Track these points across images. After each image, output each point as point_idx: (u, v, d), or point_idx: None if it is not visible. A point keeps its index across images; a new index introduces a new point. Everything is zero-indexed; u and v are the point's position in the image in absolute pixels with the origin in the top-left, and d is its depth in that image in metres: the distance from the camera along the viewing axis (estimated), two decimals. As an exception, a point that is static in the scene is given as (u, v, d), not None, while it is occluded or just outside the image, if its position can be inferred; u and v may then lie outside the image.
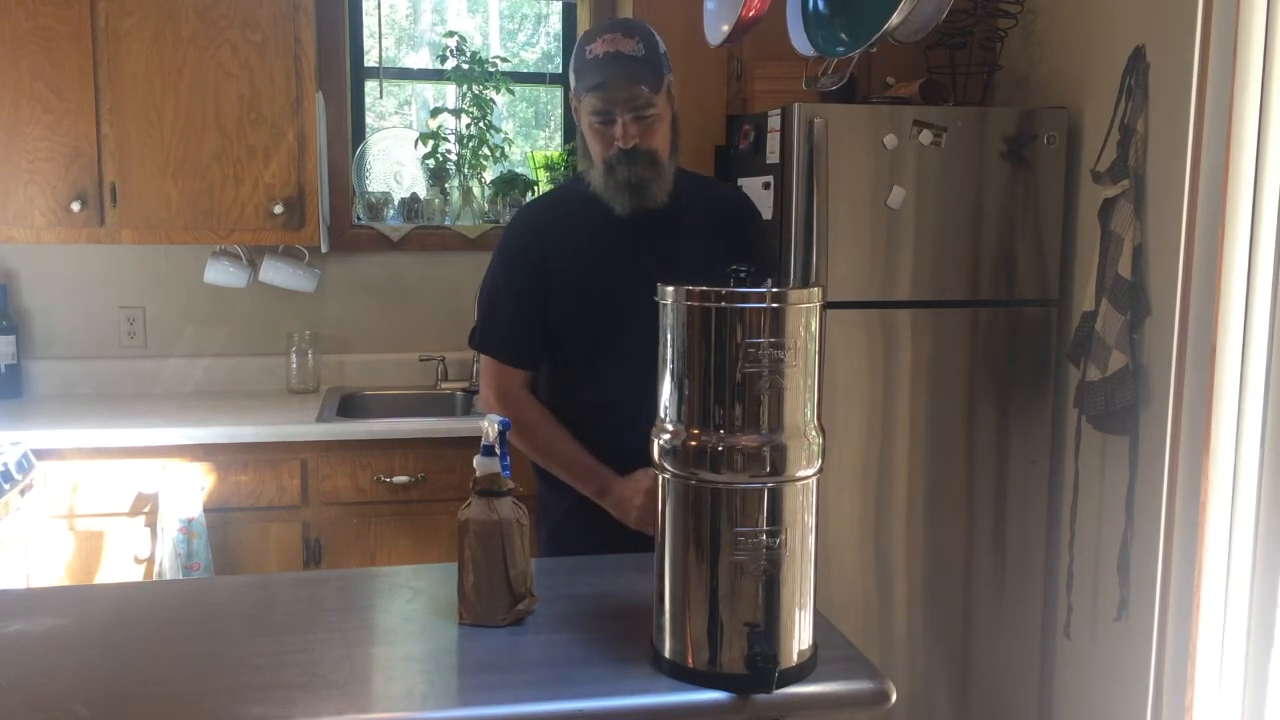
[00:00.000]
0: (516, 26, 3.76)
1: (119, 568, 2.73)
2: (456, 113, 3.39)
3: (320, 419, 2.87)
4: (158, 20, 2.86)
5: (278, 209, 2.96)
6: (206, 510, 2.71)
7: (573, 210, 2.04)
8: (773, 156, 2.74)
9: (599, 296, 1.98)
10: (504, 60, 3.40)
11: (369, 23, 3.45)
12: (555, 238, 2.02)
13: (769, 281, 1.36)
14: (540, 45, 3.76)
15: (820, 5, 2.06)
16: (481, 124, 3.36)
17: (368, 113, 3.49)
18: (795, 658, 1.37)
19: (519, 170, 3.49)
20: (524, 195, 3.39)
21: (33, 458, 2.60)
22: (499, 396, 2.04)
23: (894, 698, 1.39)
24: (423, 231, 3.37)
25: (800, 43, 2.08)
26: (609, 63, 1.89)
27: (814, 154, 2.65)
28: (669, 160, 1.98)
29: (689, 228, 2.02)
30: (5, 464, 2.45)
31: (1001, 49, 3.04)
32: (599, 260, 1.99)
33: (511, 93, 3.48)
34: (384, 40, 3.49)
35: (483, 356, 2.08)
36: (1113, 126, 2.62)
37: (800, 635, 1.38)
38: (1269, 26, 2.27)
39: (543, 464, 2.06)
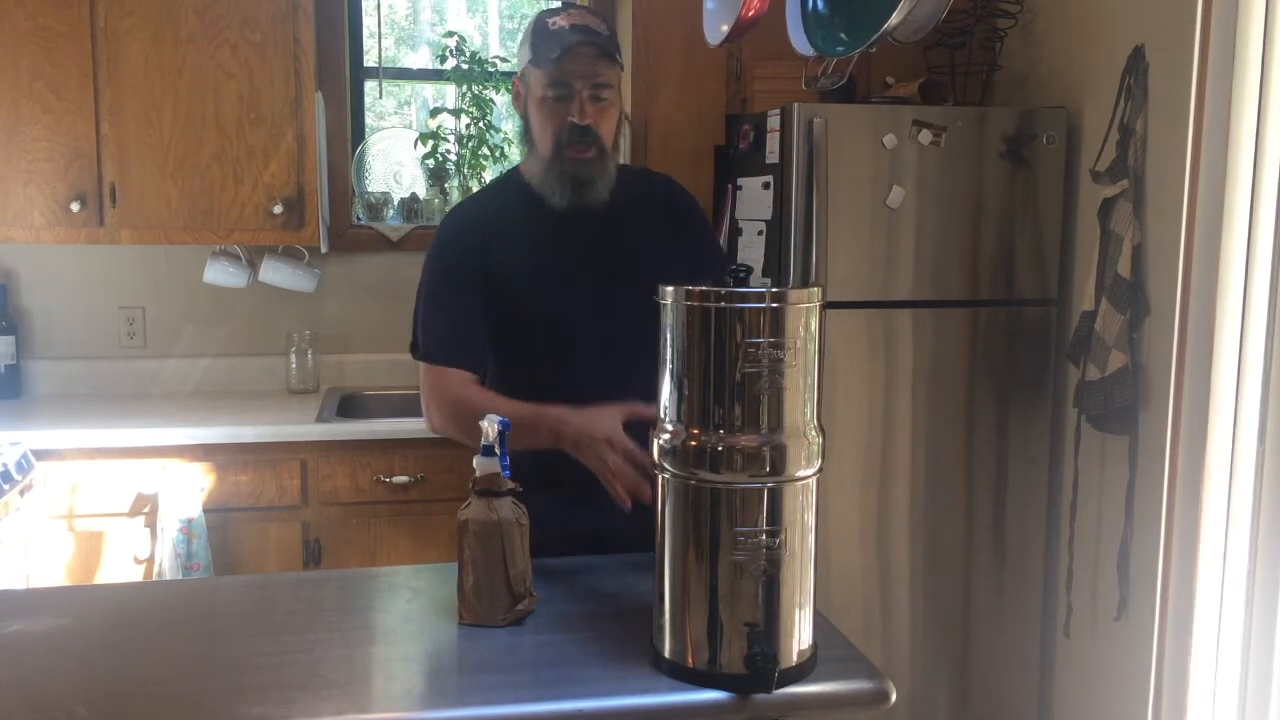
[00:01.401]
0: (516, 26, 3.76)
1: (119, 568, 2.73)
2: (456, 113, 3.39)
3: (320, 419, 2.87)
4: (157, 20, 2.86)
5: (277, 209, 2.96)
6: (206, 510, 2.71)
7: (505, 207, 1.96)
8: (772, 156, 2.74)
9: (540, 296, 1.90)
10: (504, 60, 3.40)
11: (368, 23, 3.45)
12: (487, 236, 1.92)
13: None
14: (540, 45, 3.76)
15: (820, 5, 2.06)
16: (481, 124, 3.36)
17: (367, 113, 3.49)
18: (795, 658, 1.37)
19: (518, 170, 3.49)
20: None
21: (32, 458, 2.60)
22: (439, 399, 1.90)
23: (894, 698, 1.39)
24: (422, 231, 3.37)
25: (800, 43, 2.09)
26: (575, 34, 1.80)
27: (814, 154, 2.65)
28: (612, 155, 1.90)
29: (628, 221, 1.94)
30: (5, 464, 2.45)
31: (1001, 49, 3.04)
32: (538, 258, 1.91)
33: (511, 92, 3.47)
34: (383, 40, 3.49)
35: (422, 371, 1.93)
36: (1112, 126, 2.62)
37: (800, 635, 1.38)
38: (1268, 26, 2.27)
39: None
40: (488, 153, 3.38)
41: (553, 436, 1.76)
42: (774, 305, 1.32)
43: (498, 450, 1.54)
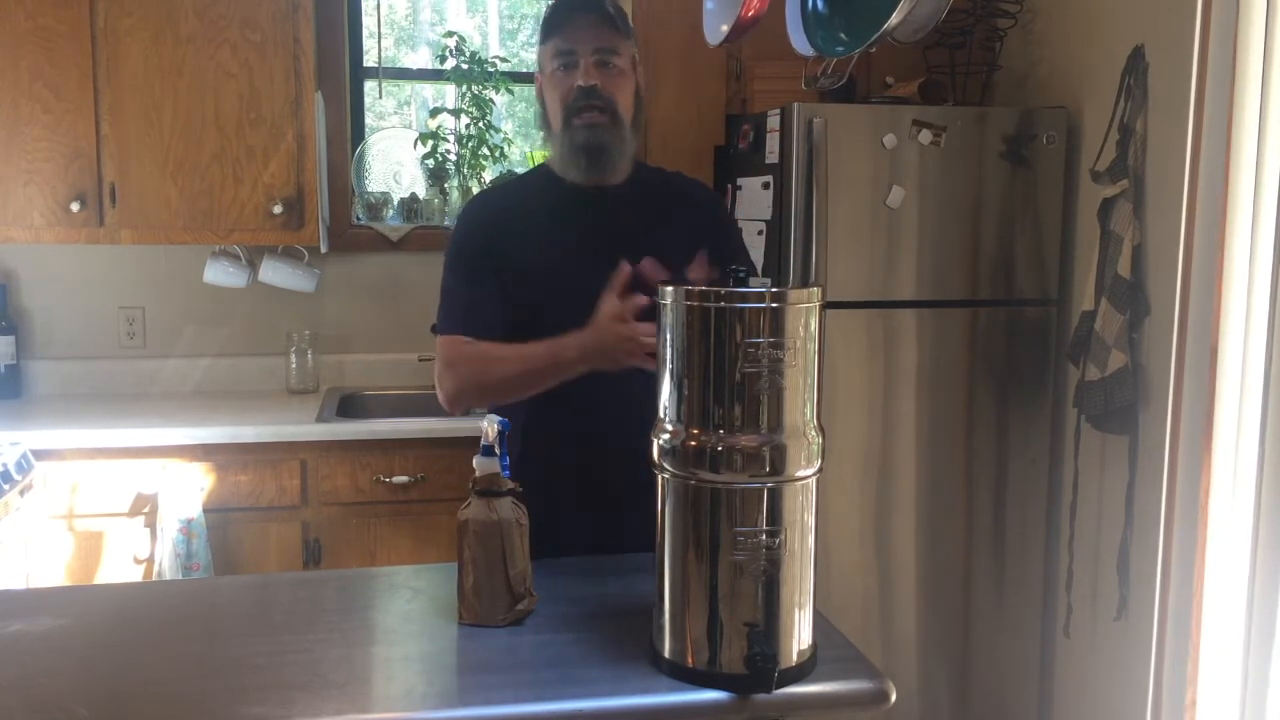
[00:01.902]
0: (516, 26, 3.76)
1: (119, 568, 2.73)
2: (456, 113, 3.39)
3: (320, 419, 2.87)
4: (157, 20, 2.86)
5: (277, 209, 2.97)
6: (206, 510, 2.71)
7: (527, 196, 1.96)
8: (772, 156, 2.74)
9: (555, 289, 1.88)
10: (503, 60, 3.40)
11: (368, 23, 3.45)
12: (506, 224, 1.92)
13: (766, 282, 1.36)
14: (540, 45, 3.76)
15: (820, 5, 2.06)
16: (481, 124, 3.36)
17: (367, 113, 3.49)
18: (795, 657, 1.37)
19: (518, 170, 3.49)
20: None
21: (32, 458, 2.60)
22: (451, 364, 1.87)
23: (894, 698, 1.39)
24: (422, 231, 3.37)
25: (800, 43, 2.08)
26: (575, 4, 1.84)
27: (813, 154, 2.65)
28: (631, 130, 1.89)
29: (651, 218, 1.93)
30: (5, 464, 2.45)
31: (1001, 49, 3.04)
32: (553, 250, 1.90)
33: (511, 93, 3.48)
34: (383, 40, 3.49)
35: (437, 346, 1.93)
36: (1112, 126, 2.63)
37: (800, 635, 1.38)
38: (1269, 26, 2.27)
39: (513, 386, 1.84)
40: (487, 153, 3.38)
41: (576, 359, 1.75)
42: (774, 305, 1.32)
43: (498, 450, 1.54)
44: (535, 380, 1.82)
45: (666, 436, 1.38)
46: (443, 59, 3.40)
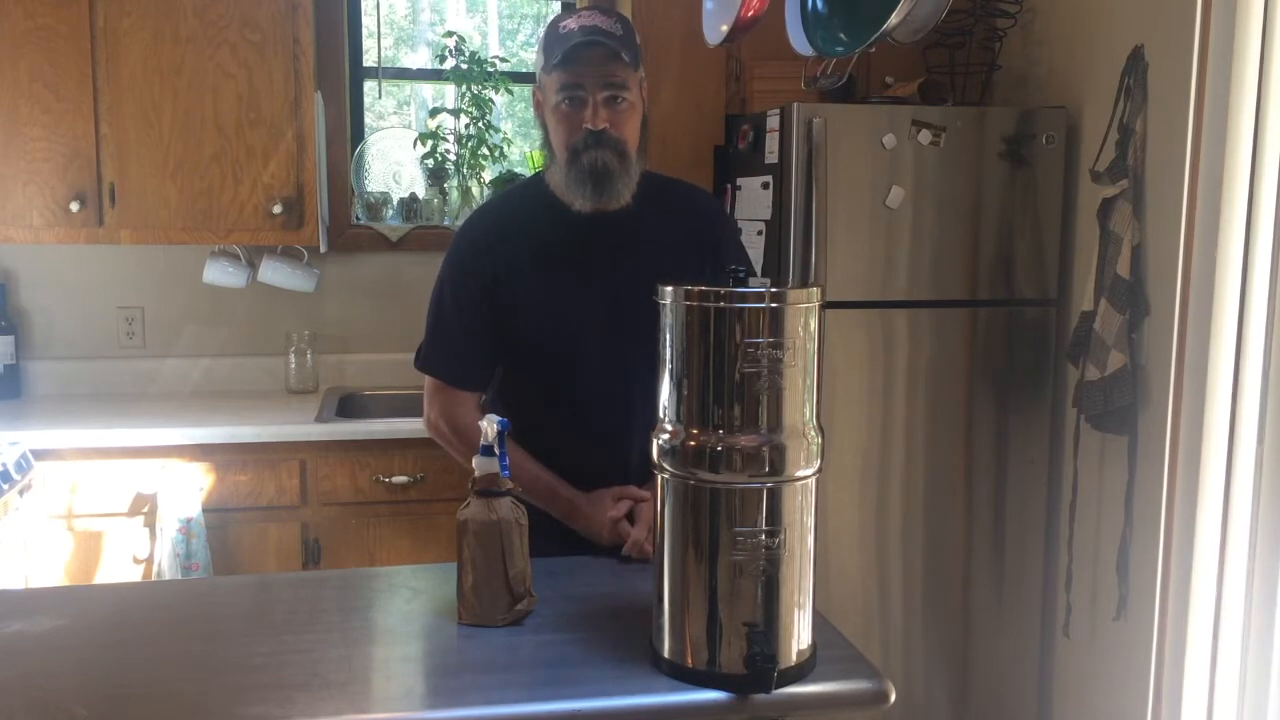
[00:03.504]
0: (516, 26, 3.76)
1: (118, 568, 2.73)
2: (455, 113, 3.39)
3: (319, 419, 2.87)
4: (156, 20, 2.86)
5: (277, 209, 2.96)
6: (205, 510, 2.71)
7: (526, 219, 1.90)
8: (771, 156, 2.74)
9: (552, 315, 1.87)
10: (503, 60, 3.40)
11: (368, 23, 3.45)
12: (506, 249, 1.87)
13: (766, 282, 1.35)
14: (539, 45, 3.76)
15: (819, 5, 2.06)
16: (480, 124, 3.36)
17: (366, 113, 3.49)
18: (794, 657, 1.37)
19: (518, 170, 3.49)
20: (523, 195, 3.39)
21: (31, 458, 2.60)
22: (450, 425, 1.93)
23: (893, 697, 1.39)
24: (422, 231, 3.37)
25: (799, 43, 2.09)
26: (584, 36, 1.75)
27: (813, 154, 2.65)
28: (637, 160, 1.83)
29: (652, 240, 1.89)
30: (4, 464, 2.45)
31: (1000, 49, 3.04)
32: (552, 276, 1.87)
33: (510, 93, 3.48)
34: (383, 40, 3.49)
35: (427, 377, 1.96)
36: (1111, 126, 2.63)
37: (799, 635, 1.38)
38: (1266, 26, 2.27)
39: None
40: (487, 153, 3.38)
41: (565, 515, 1.90)
42: (773, 305, 1.32)
43: (497, 450, 1.54)
44: (524, 497, 1.73)
45: (666, 436, 1.38)
46: (442, 59, 3.40)
